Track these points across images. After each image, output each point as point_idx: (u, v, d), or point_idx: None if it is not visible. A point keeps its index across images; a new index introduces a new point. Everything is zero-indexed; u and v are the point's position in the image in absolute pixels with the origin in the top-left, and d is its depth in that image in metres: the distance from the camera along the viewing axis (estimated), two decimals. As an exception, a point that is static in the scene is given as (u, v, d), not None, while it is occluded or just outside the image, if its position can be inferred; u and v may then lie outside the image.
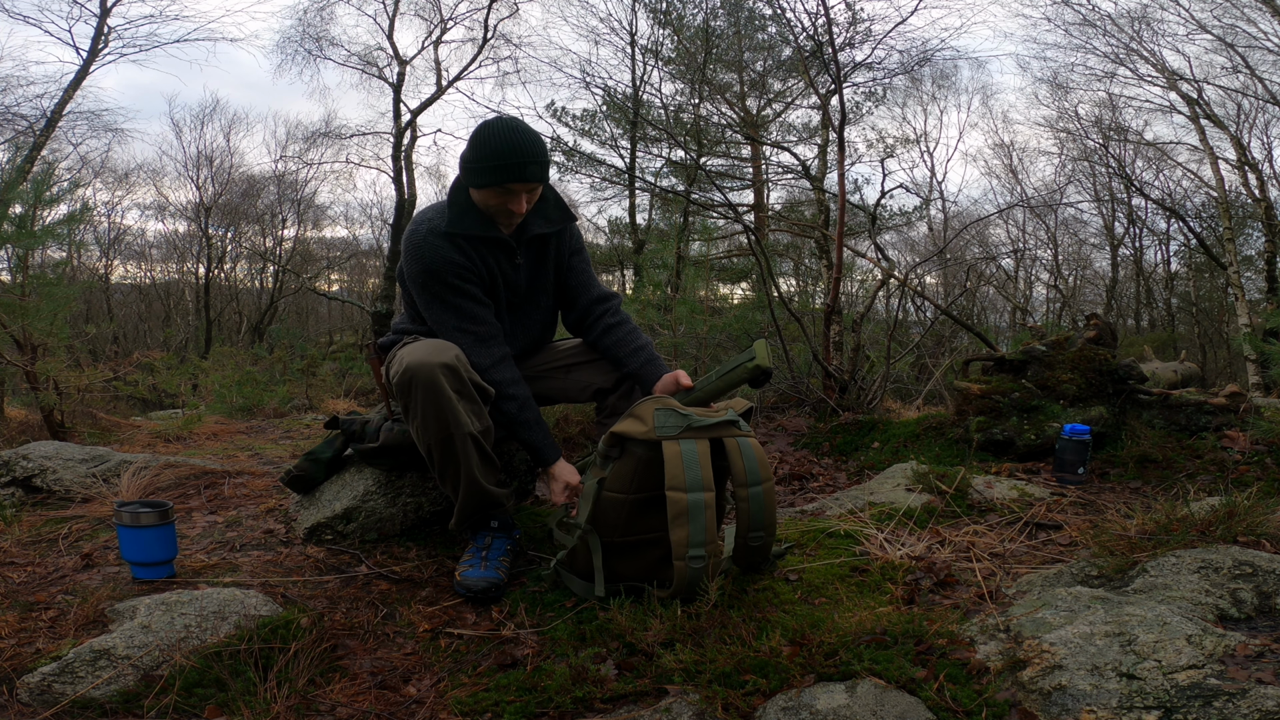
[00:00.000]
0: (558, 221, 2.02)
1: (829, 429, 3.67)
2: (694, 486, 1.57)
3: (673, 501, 1.57)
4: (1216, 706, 1.09)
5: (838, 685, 1.29)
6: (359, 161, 21.53)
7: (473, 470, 1.82)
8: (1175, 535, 1.75)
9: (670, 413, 1.64)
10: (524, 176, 1.79)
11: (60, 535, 2.21)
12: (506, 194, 1.82)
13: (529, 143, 1.79)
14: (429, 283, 1.89)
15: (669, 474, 1.58)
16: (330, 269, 24.53)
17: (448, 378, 1.75)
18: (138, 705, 1.34)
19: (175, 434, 4.16)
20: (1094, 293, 20.70)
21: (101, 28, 12.79)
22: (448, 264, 1.87)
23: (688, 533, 1.56)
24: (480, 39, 14.22)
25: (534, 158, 1.79)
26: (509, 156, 1.77)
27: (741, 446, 1.66)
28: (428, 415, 1.77)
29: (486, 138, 1.79)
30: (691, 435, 1.62)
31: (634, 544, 1.71)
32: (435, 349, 1.78)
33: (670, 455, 1.59)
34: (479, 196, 1.86)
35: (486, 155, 1.78)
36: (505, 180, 1.79)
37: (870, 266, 10.51)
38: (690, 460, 1.58)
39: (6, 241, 4.16)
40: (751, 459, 1.66)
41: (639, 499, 1.67)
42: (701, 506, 1.57)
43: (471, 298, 1.91)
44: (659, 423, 1.63)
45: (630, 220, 14.37)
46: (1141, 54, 13.28)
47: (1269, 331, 5.95)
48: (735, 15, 13.66)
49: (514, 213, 1.86)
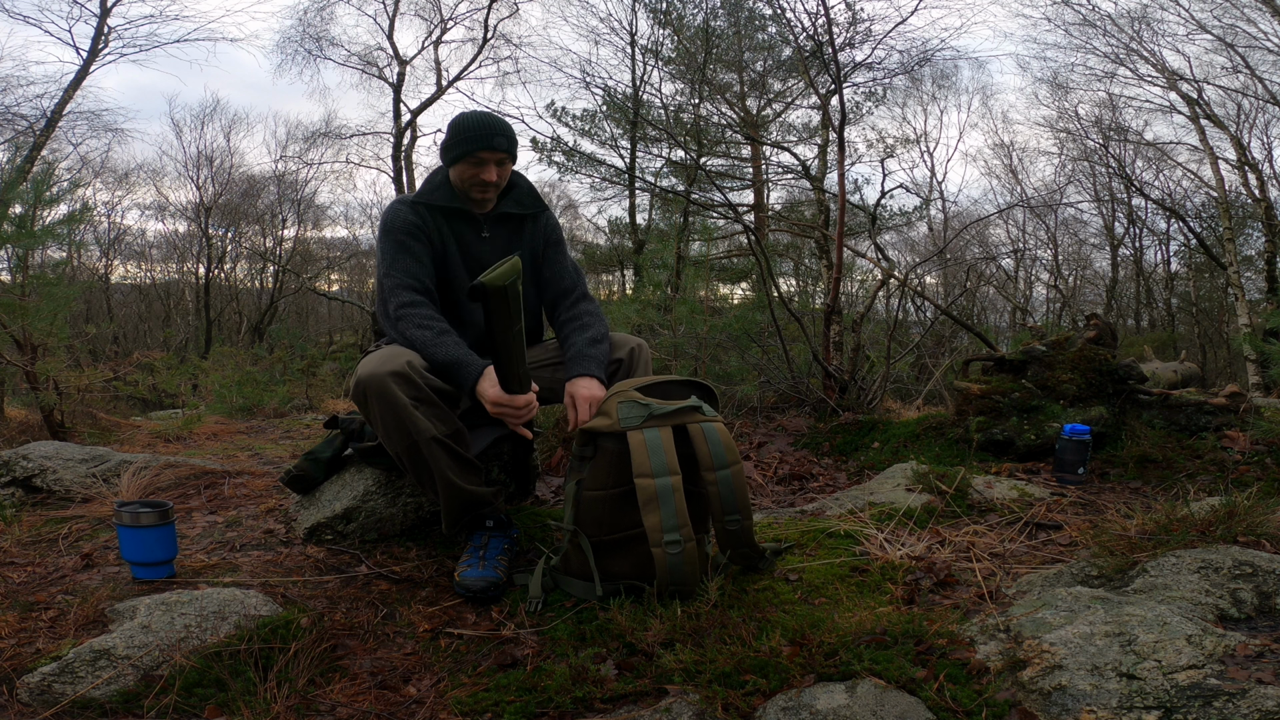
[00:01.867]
0: (529, 207, 2.15)
1: (829, 429, 3.67)
2: (659, 471, 1.61)
3: (641, 488, 1.61)
4: (1216, 706, 1.09)
5: (838, 685, 1.29)
6: (359, 161, 21.59)
7: (446, 473, 1.82)
8: (1175, 535, 1.75)
9: (632, 404, 1.68)
10: (491, 145, 1.97)
11: (60, 535, 2.21)
12: (477, 164, 1.98)
13: (495, 120, 2.01)
14: (382, 239, 2.04)
15: (635, 462, 1.62)
16: (330, 269, 24.53)
17: (400, 385, 1.74)
18: (138, 705, 1.34)
19: (175, 434, 4.16)
20: (1094, 293, 20.70)
21: (101, 28, 12.80)
22: (400, 221, 2.01)
23: (660, 518, 1.59)
24: (480, 39, 14.25)
25: (499, 131, 1.99)
26: (478, 130, 1.97)
27: (706, 431, 1.69)
28: (388, 425, 1.77)
29: (461, 118, 2.02)
30: (654, 423, 1.66)
31: (621, 540, 1.72)
32: (386, 358, 1.78)
33: (635, 444, 1.63)
34: (455, 174, 2.03)
35: (458, 132, 1.99)
36: (475, 148, 1.96)
37: (870, 266, 10.51)
38: (654, 446, 1.63)
39: (6, 241, 4.16)
40: (717, 443, 1.69)
41: (618, 493, 1.69)
42: (670, 490, 1.60)
43: (409, 252, 1.99)
44: (622, 415, 1.67)
45: (630, 220, 14.38)
46: (1141, 54, 13.29)
47: (1269, 331, 5.96)
48: (735, 15, 13.66)
49: (486, 183, 2.00)
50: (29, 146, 11.86)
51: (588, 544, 1.72)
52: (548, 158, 13.65)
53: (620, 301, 6.81)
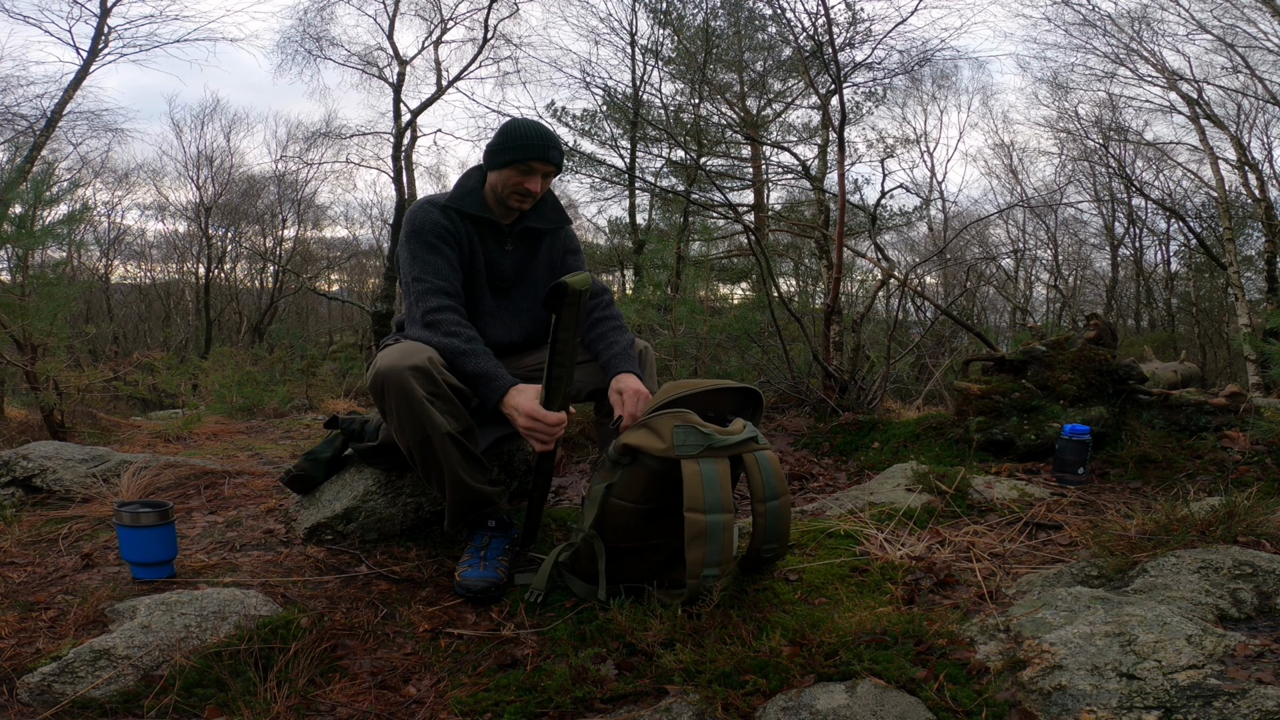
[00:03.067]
0: (553, 221, 2.14)
1: (829, 429, 3.67)
2: (713, 508, 1.53)
3: (691, 522, 1.52)
4: (1216, 706, 1.09)
5: (838, 685, 1.29)
6: (359, 161, 21.58)
7: (456, 469, 1.82)
8: (1175, 535, 1.75)
9: (690, 430, 1.58)
10: (546, 157, 1.97)
11: (60, 535, 2.21)
12: (527, 172, 1.98)
13: (551, 132, 2.02)
14: (410, 240, 2.00)
15: (688, 494, 1.53)
16: (330, 269, 24.54)
17: (419, 380, 1.75)
18: (138, 705, 1.34)
19: (175, 434, 4.16)
20: (1094, 293, 20.70)
21: (101, 28, 12.80)
22: (431, 224, 1.99)
23: (704, 553, 1.53)
24: (480, 39, 14.23)
25: (555, 144, 2.00)
26: (536, 139, 1.96)
27: (760, 461, 1.63)
28: (403, 419, 1.77)
29: (516, 125, 2.00)
30: (712, 455, 1.57)
31: (638, 549, 1.70)
32: (406, 352, 1.78)
33: (690, 475, 1.54)
34: (497, 177, 2.01)
35: (515, 137, 1.96)
36: (529, 157, 1.95)
37: (870, 266, 10.51)
38: (711, 481, 1.54)
39: (6, 241, 4.16)
40: (770, 474, 1.63)
41: (647, 509, 1.65)
42: (720, 528, 1.53)
43: (441, 255, 1.98)
44: (678, 440, 1.57)
45: (630, 220, 14.38)
46: (1141, 54, 13.29)
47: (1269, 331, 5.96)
48: (735, 15, 13.67)
49: (527, 192, 2.00)
50: (29, 146, 11.86)
51: (602, 548, 1.70)
52: (547, 157, 13.61)
53: (620, 301, 6.81)
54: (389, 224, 16.53)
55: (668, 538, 1.67)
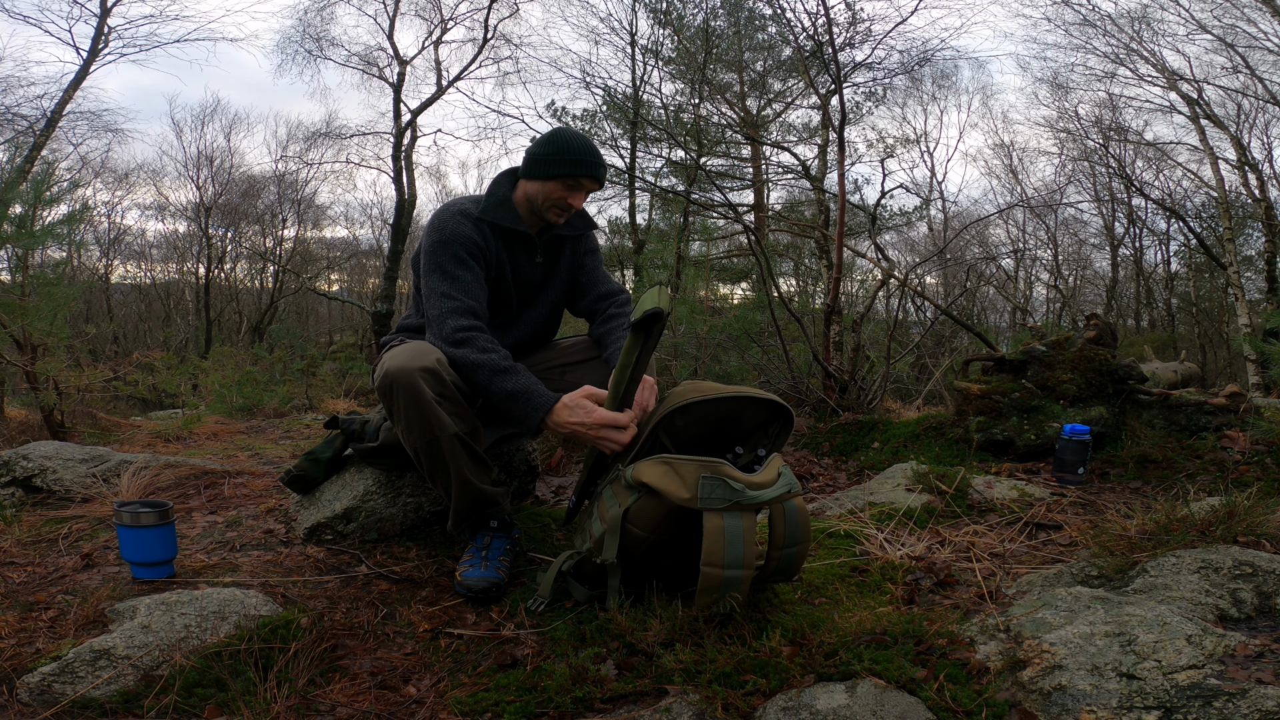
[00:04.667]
0: (579, 227, 2.13)
1: (829, 429, 3.67)
2: (733, 564, 1.46)
3: (706, 575, 1.46)
4: (1216, 706, 1.09)
5: (838, 685, 1.29)
6: (359, 161, 21.52)
7: (462, 470, 1.82)
8: (1175, 535, 1.75)
9: (718, 483, 1.47)
10: (596, 175, 1.95)
11: (60, 535, 2.21)
12: (574, 187, 1.95)
13: (598, 150, 1.98)
14: (437, 251, 1.94)
15: (707, 549, 1.45)
16: (330, 269, 24.56)
17: (428, 381, 1.75)
18: (138, 705, 1.34)
19: (175, 434, 4.16)
20: (1094, 293, 20.71)
21: (101, 28, 12.80)
22: (463, 238, 1.94)
23: (714, 598, 1.50)
24: (480, 39, 14.22)
25: (603, 163, 1.98)
26: (588, 155, 1.93)
27: (787, 512, 1.55)
28: (411, 419, 1.77)
29: (567, 136, 1.95)
30: (738, 510, 1.47)
31: (645, 567, 1.69)
32: (416, 353, 1.78)
33: (711, 530, 1.46)
34: (539, 189, 1.97)
35: (567, 150, 1.93)
36: (580, 174, 1.93)
37: (870, 266, 10.51)
38: (734, 538, 1.46)
39: (6, 241, 4.16)
40: (794, 525, 1.56)
41: (661, 540, 1.61)
42: (737, 581, 1.48)
43: (471, 272, 1.95)
44: (704, 493, 1.47)
45: (630, 220, 14.36)
46: (1141, 54, 13.30)
47: (1269, 331, 5.96)
48: (735, 15, 13.67)
49: (569, 207, 1.98)
50: (29, 146, 11.86)
51: (617, 569, 1.64)
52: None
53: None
54: (389, 224, 16.50)
55: (677, 557, 1.65)
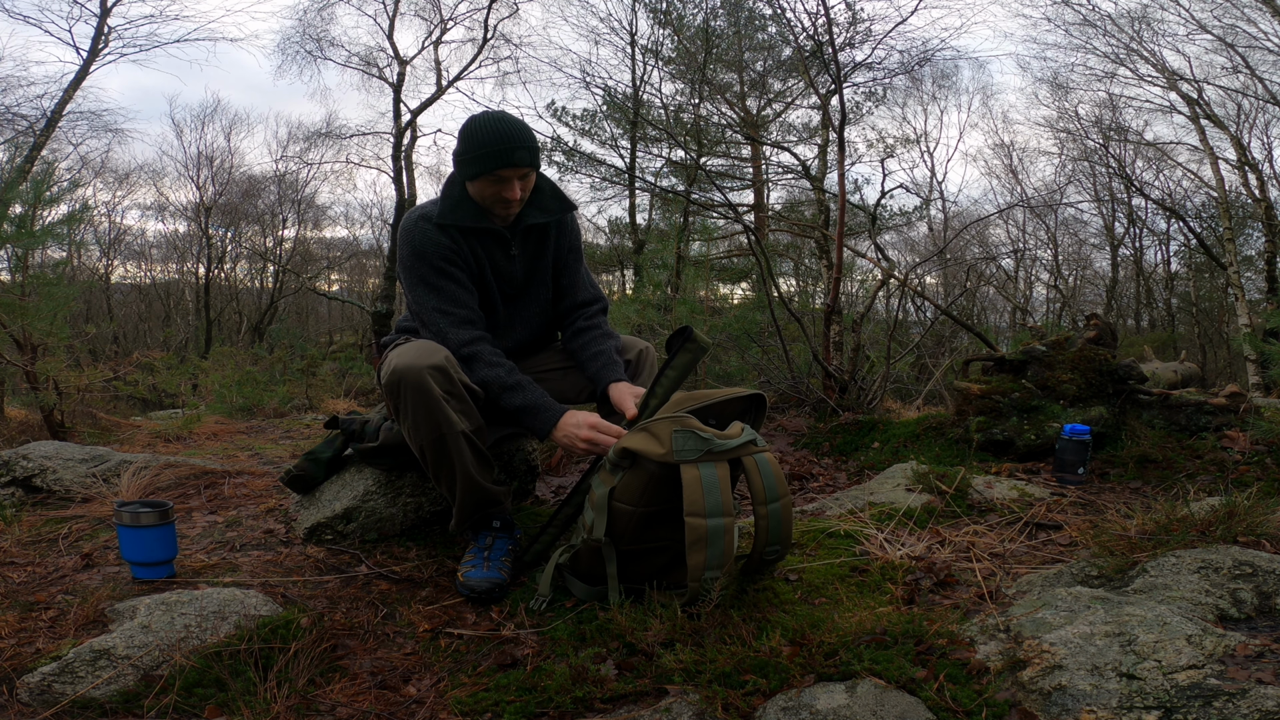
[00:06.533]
0: (555, 211, 2.05)
1: (829, 429, 3.67)
2: (714, 512, 1.53)
3: (691, 527, 1.52)
4: (1216, 706, 1.09)
5: (838, 685, 1.29)
6: (359, 161, 21.56)
7: (468, 468, 1.83)
8: (1175, 535, 1.75)
9: (689, 435, 1.57)
10: (513, 161, 1.84)
11: (60, 535, 2.21)
12: (499, 181, 1.87)
13: (515, 129, 1.85)
14: (415, 264, 1.93)
15: (688, 499, 1.53)
16: (330, 269, 24.54)
17: (436, 379, 1.75)
18: (138, 705, 1.34)
19: (175, 434, 4.16)
20: (1094, 293, 20.70)
21: (101, 28, 12.80)
22: (435, 246, 1.91)
23: (705, 557, 1.54)
24: (480, 39, 14.23)
25: (521, 143, 1.85)
26: (496, 144, 1.83)
27: (760, 464, 1.63)
28: (418, 417, 1.77)
29: (474, 129, 1.86)
30: (711, 459, 1.57)
31: (640, 552, 1.70)
32: (424, 351, 1.78)
33: (689, 480, 1.54)
34: (474, 189, 1.92)
35: (475, 145, 1.85)
36: (495, 167, 1.84)
37: (870, 266, 10.50)
38: (710, 485, 1.54)
39: (6, 241, 4.16)
40: (770, 476, 1.63)
41: (648, 512, 1.64)
42: (721, 531, 1.54)
43: (455, 281, 1.93)
44: (677, 445, 1.57)
45: (630, 220, 14.37)
46: (1141, 54, 13.29)
47: (1269, 331, 5.95)
48: (735, 15, 13.66)
49: (510, 200, 1.90)
50: (29, 146, 11.85)
51: (612, 554, 1.68)
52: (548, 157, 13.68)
53: (620, 301, 6.81)
54: (389, 224, 16.53)
55: (669, 540, 1.67)
